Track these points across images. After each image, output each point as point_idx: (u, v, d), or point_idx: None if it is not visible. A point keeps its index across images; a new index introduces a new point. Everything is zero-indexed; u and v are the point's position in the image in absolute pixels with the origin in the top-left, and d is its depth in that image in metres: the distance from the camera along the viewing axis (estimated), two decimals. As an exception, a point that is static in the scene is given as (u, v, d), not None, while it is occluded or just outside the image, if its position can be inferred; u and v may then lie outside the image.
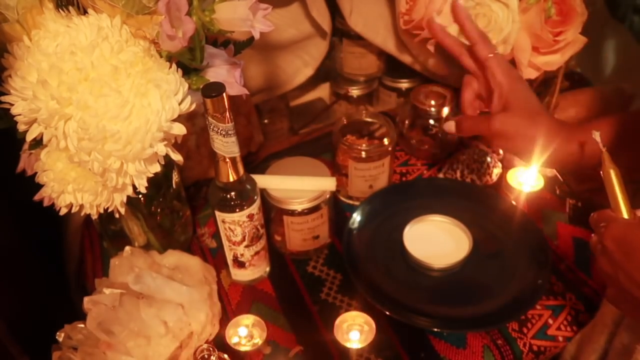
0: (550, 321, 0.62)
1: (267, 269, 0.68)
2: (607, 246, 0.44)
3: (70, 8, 0.47)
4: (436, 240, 0.66)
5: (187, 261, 0.64)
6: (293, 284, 0.68)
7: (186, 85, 0.48)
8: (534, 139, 0.59)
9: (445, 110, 0.79)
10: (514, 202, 0.72)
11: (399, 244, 0.65)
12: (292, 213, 0.64)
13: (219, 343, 0.60)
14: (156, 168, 0.49)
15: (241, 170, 0.56)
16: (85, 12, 0.47)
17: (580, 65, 0.98)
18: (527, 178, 0.75)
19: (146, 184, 0.49)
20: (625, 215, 0.46)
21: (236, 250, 0.62)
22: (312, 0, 0.81)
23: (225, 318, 0.63)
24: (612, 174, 0.47)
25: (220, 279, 0.68)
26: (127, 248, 0.63)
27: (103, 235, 0.69)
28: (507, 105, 0.61)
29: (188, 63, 0.50)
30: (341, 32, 0.92)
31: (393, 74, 0.97)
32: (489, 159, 0.78)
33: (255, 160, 0.85)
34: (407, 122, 0.82)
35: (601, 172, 0.47)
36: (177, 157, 0.50)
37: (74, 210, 0.53)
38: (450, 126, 0.65)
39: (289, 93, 0.94)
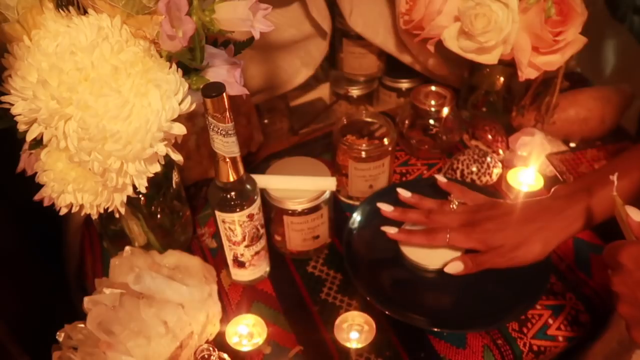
0: (550, 321, 0.62)
1: (267, 269, 0.68)
2: (625, 264, 0.44)
3: (70, 8, 0.47)
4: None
5: (187, 261, 0.64)
6: (293, 284, 0.68)
7: (186, 85, 0.48)
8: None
9: (445, 110, 0.79)
10: (514, 202, 0.72)
11: (399, 244, 0.65)
12: (292, 213, 0.64)
13: (219, 343, 0.60)
14: (156, 168, 0.49)
15: (241, 170, 0.56)
16: (85, 12, 0.47)
17: (580, 65, 0.98)
18: (527, 178, 0.75)
19: (146, 184, 0.49)
20: None
21: (236, 250, 0.62)
22: (312, 0, 0.81)
23: (225, 318, 0.62)
24: (624, 213, 0.47)
25: (220, 279, 0.68)
26: (127, 248, 0.63)
27: (103, 235, 0.69)
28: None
29: (188, 63, 0.50)
30: (341, 32, 0.92)
31: (393, 74, 0.97)
32: (489, 159, 0.78)
33: (255, 160, 0.85)
34: (407, 122, 0.82)
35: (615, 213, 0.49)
36: (177, 157, 0.50)
37: (74, 210, 0.53)
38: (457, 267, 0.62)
39: (289, 93, 0.94)
